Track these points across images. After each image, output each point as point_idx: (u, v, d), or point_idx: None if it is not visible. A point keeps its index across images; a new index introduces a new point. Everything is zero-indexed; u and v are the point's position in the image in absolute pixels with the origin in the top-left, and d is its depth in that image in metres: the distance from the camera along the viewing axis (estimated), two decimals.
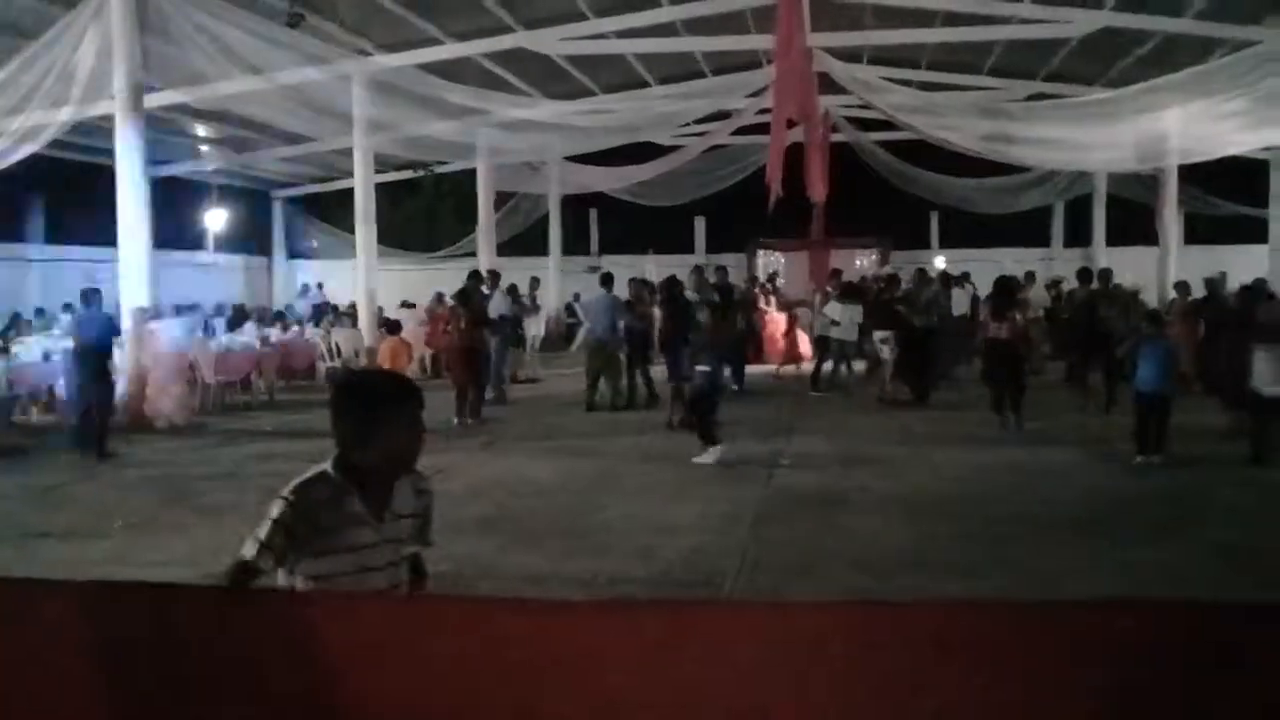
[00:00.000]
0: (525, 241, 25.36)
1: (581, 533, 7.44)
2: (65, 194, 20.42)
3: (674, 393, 12.42)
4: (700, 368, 10.60)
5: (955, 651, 1.73)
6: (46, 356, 13.60)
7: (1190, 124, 15.68)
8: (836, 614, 1.93)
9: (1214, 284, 15.36)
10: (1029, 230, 26.49)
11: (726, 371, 13.29)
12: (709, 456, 9.91)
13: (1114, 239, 24.32)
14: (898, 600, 2.84)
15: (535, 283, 19.72)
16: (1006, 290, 12.67)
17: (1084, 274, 14.98)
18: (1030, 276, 18.87)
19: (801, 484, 9.03)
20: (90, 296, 11.48)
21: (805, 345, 17.53)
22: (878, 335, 14.40)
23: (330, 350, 17.52)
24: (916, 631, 1.76)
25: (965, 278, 18.08)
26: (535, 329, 18.91)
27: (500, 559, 6.74)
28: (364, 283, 17.84)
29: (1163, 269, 20.04)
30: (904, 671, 1.72)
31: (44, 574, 2.33)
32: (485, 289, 14.97)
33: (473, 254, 22.94)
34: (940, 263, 23.35)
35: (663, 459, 10.32)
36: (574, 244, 26.99)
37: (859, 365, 15.93)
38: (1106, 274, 14.66)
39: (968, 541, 7.01)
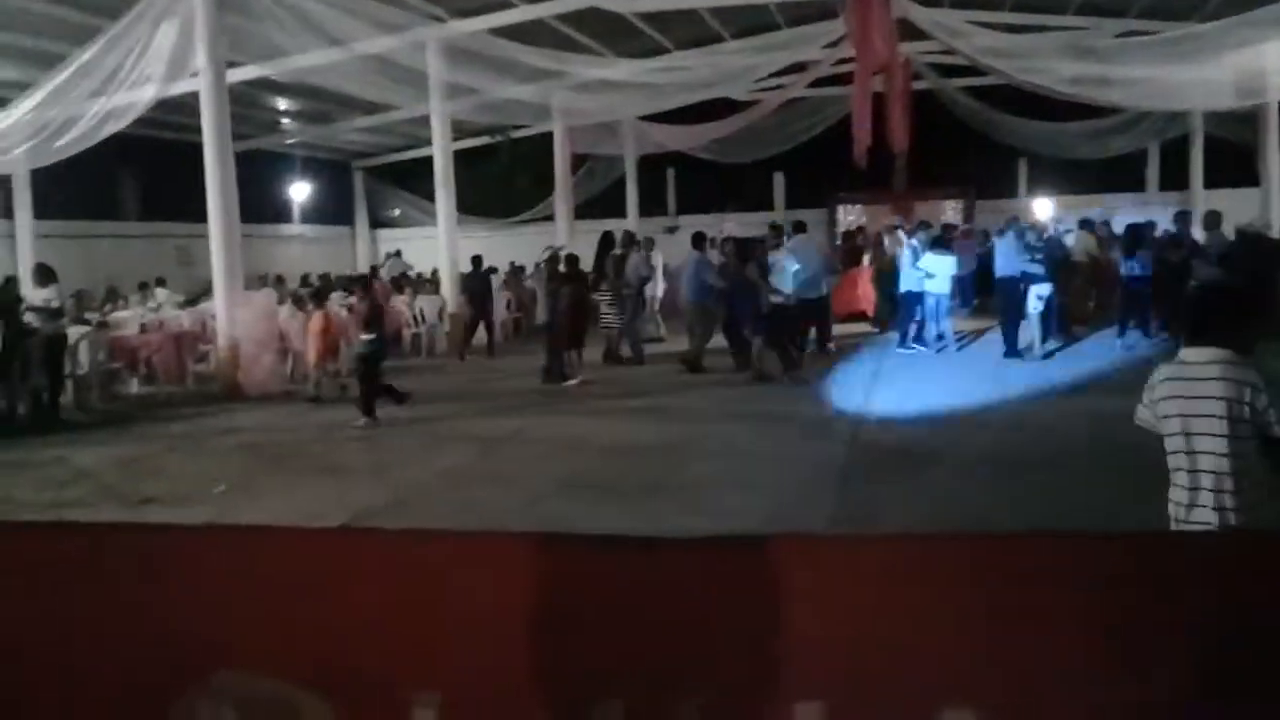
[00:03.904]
0: (602, 204, 25.28)
1: (667, 492, 7.45)
2: (158, 171, 20.97)
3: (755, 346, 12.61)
4: None
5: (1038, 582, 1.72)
6: (144, 329, 14.07)
7: None
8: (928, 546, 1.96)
9: None
10: (1122, 175, 25.55)
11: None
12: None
13: (1213, 181, 23.34)
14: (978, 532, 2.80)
15: (650, 243, 19.36)
16: None
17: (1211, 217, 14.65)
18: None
19: (887, 442, 8.91)
20: (477, 260, 17.21)
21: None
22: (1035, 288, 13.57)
23: (415, 317, 17.77)
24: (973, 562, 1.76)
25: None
26: (654, 289, 18.27)
27: (583, 518, 6.78)
28: (446, 249, 18.08)
29: (1265, 211, 19.20)
30: (961, 599, 1.72)
31: None
32: (620, 250, 15.14)
33: (550, 218, 22.97)
34: (1041, 210, 22.47)
35: (751, 418, 10.28)
36: (651, 205, 26.84)
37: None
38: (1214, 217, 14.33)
39: (1057, 496, 6.86)
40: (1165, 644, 1.68)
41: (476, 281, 17.03)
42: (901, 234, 18.55)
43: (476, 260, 17.29)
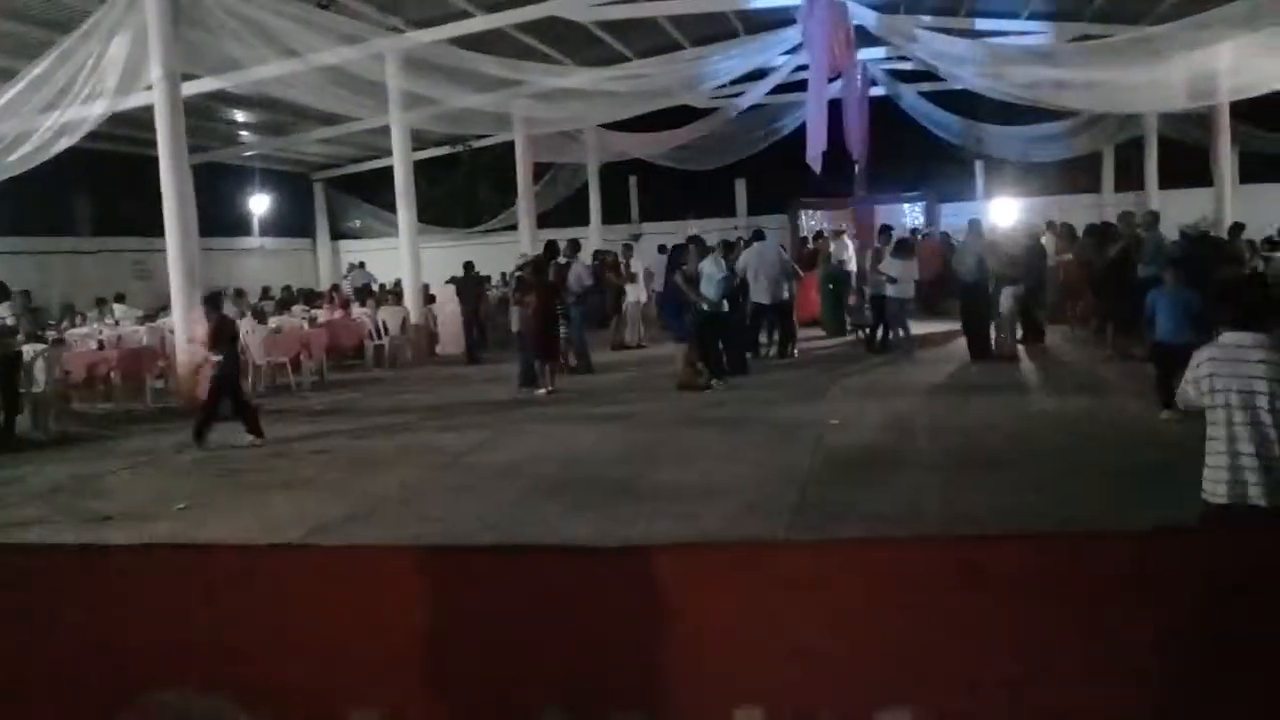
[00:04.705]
0: (565, 212, 25.30)
1: (631, 499, 7.44)
2: (114, 185, 20.72)
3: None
4: None
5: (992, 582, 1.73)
6: (101, 345, 13.88)
7: (1241, 58, 15.19)
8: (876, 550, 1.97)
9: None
10: (1078, 176, 25.92)
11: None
12: None
13: (1166, 181, 23.70)
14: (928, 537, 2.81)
15: (628, 249, 19.24)
16: None
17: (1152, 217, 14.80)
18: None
19: (851, 444, 8.96)
20: (469, 266, 17.75)
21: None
22: (1011, 289, 13.75)
23: (377, 329, 17.67)
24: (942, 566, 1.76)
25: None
26: (635, 295, 18.27)
27: (548, 527, 6.77)
28: (407, 260, 18.05)
29: (1218, 210, 19.52)
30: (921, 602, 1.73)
31: None
32: (564, 259, 15.06)
33: (513, 227, 22.96)
34: (1003, 213, 22.60)
35: (716, 424, 10.30)
36: (615, 213, 26.85)
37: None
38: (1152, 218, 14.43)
39: (1017, 495, 6.92)
40: (1104, 647, 1.70)
41: (469, 285, 17.60)
42: (846, 239, 18.76)
43: (468, 266, 17.89)
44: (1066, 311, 16.35)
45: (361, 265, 25.04)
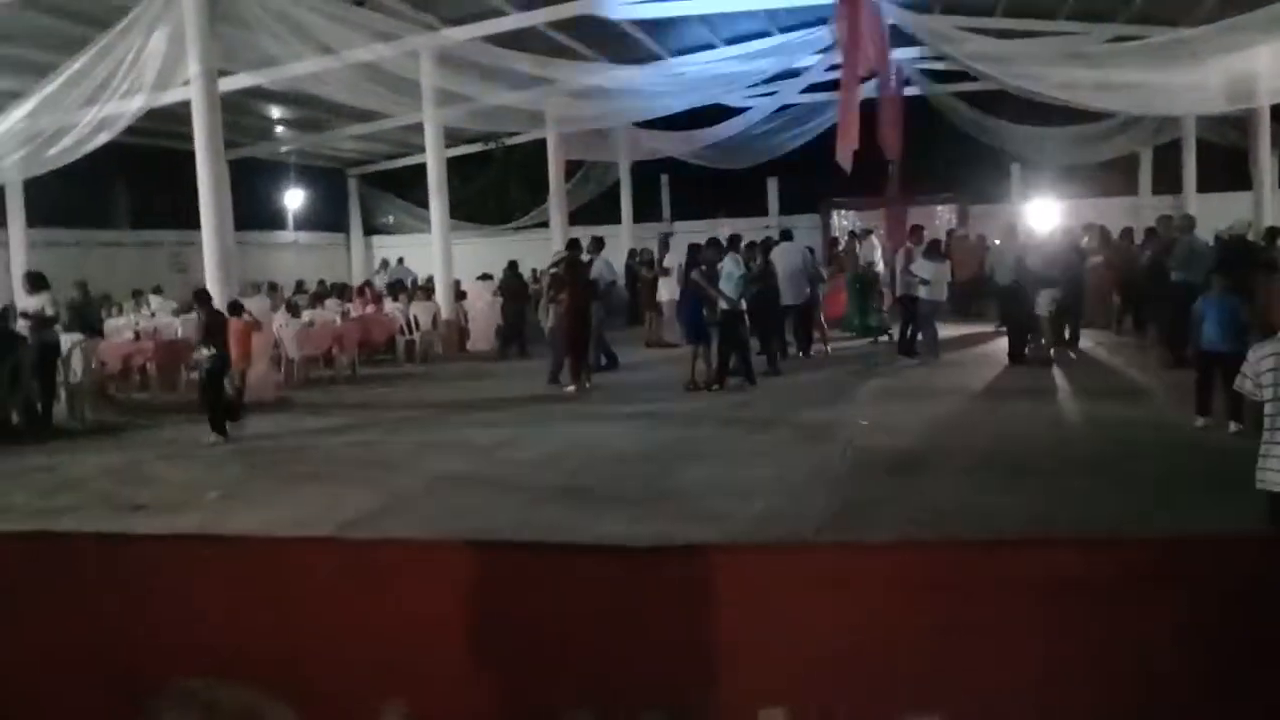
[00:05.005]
0: (596, 209, 25.31)
1: (659, 498, 7.45)
2: (151, 178, 21.00)
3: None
4: None
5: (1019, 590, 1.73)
6: (137, 336, 14.08)
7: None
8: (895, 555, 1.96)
9: None
10: (1114, 179, 25.62)
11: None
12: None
13: (1205, 185, 23.39)
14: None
15: (664, 244, 19.03)
16: None
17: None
18: None
19: (880, 447, 8.92)
20: (513, 265, 17.94)
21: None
22: (1049, 292, 13.60)
23: (409, 324, 17.77)
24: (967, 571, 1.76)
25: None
26: (668, 292, 17.87)
27: (576, 525, 6.79)
28: (440, 256, 18.17)
29: (1257, 214, 19.25)
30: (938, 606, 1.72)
31: None
32: (586, 256, 15.04)
33: (545, 224, 23.02)
34: (1041, 216, 22.37)
35: (744, 424, 10.29)
36: (646, 211, 26.83)
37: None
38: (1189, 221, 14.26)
39: (1051, 502, 6.87)
40: (1130, 650, 1.69)
41: (514, 283, 17.94)
42: (875, 239, 18.64)
43: (512, 265, 18.20)
44: (1102, 315, 16.21)
45: (400, 261, 25.16)
